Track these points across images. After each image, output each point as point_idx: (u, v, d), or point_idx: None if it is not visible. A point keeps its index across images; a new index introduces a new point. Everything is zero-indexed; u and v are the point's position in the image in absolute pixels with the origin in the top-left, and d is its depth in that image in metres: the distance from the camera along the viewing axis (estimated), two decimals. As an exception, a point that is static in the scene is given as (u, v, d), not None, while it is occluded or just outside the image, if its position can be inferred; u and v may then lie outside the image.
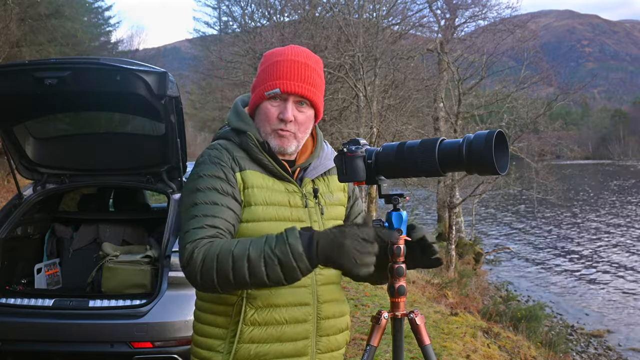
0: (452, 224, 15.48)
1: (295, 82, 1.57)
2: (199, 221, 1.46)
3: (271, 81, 1.57)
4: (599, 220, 27.74)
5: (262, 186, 1.57)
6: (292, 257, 1.32)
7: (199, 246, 1.40)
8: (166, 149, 4.07)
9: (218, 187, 1.51)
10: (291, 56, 1.59)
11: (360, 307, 6.67)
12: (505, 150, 1.58)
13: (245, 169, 1.57)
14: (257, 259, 1.34)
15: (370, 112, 13.96)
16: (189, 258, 1.40)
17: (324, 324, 1.63)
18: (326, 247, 1.30)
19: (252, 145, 1.59)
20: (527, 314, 9.74)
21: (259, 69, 1.64)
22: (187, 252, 1.41)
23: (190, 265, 1.40)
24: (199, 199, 1.50)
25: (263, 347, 1.53)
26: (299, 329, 1.57)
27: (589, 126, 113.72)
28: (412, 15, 18.95)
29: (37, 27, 17.19)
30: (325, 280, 1.63)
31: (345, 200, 1.77)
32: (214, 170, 1.54)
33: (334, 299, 1.67)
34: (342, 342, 1.71)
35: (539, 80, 17.54)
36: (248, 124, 1.62)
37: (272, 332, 1.54)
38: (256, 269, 1.34)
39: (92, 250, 4.51)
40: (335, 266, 1.32)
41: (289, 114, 1.58)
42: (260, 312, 1.53)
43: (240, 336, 1.52)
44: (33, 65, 3.53)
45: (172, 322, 3.58)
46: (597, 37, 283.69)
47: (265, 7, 22.87)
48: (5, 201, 6.25)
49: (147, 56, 36.17)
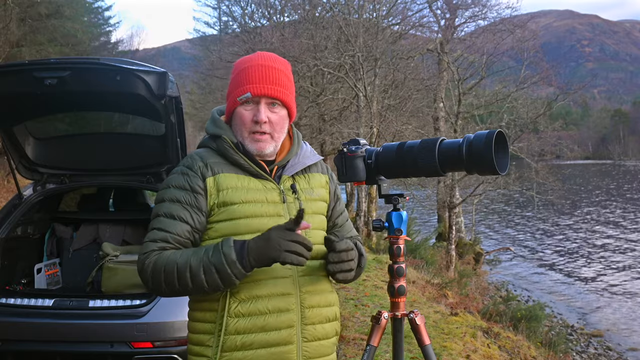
0: (452, 224, 15.47)
1: (264, 85, 1.67)
2: (155, 234, 1.64)
3: (242, 86, 1.68)
4: (599, 221, 27.73)
5: (236, 186, 1.66)
6: (226, 265, 1.51)
7: (149, 257, 1.61)
8: (166, 149, 4.06)
9: (181, 198, 1.65)
10: (259, 61, 1.70)
11: (360, 307, 6.66)
12: (505, 150, 1.59)
13: (219, 172, 1.67)
14: (197, 268, 1.54)
15: (370, 112, 13.96)
16: (141, 267, 1.62)
17: (308, 313, 1.67)
18: (255, 248, 1.51)
19: (227, 147, 1.69)
20: (527, 314, 9.74)
21: (230, 78, 1.76)
22: (140, 262, 1.63)
23: (142, 273, 1.62)
24: (162, 210, 1.66)
25: (248, 337, 1.61)
26: (282, 318, 1.63)
27: (589, 126, 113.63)
28: (412, 15, 18.96)
29: (37, 27, 17.19)
30: (307, 271, 1.68)
31: (327, 197, 1.81)
32: (180, 181, 1.67)
33: (317, 289, 1.71)
34: (330, 332, 1.73)
35: (539, 80, 17.52)
36: (222, 128, 1.73)
37: (255, 322, 1.61)
38: (196, 277, 1.53)
39: (92, 250, 4.51)
40: (267, 260, 1.51)
41: (262, 116, 1.67)
42: (244, 304, 1.61)
43: (225, 328, 1.61)
44: (33, 65, 3.52)
45: (172, 322, 3.58)
46: (597, 37, 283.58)
47: (265, 7, 22.89)
48: (5, 201, 6.24)
49: (147, 56, 36.20)
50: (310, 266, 1.68)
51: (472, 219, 20.56)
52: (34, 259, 4.48)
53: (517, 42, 17.25)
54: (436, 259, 14.62)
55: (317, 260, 1.71)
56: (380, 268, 9.25)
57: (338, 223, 1.84)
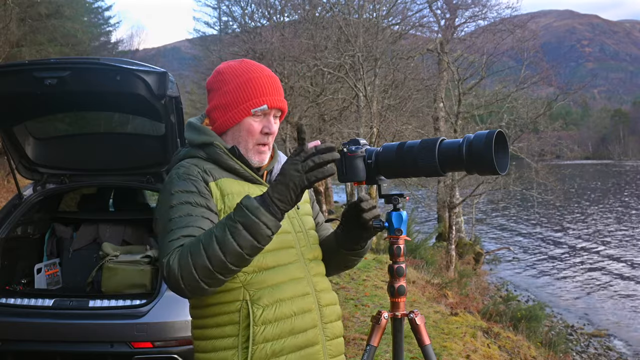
0: (452, 224, 15.46)
1: (278, 97, 1.66)
2: (175, 234, 1.48)
3: (257, 98, 1.63)
4: (599, 221, 27.73)
5: (240, 192, 1.61)
6: (251, 214, 1.37)
7: (173, 254, 1.43)
8: (166, 149, 4.06)
9: (191, 200, 1.54)
10: (265, 72, 1.68)
11: (360, 307, 6.66)
12: (505, 150, 1.59)
13: (219, 178, 1.61)
14: (222, 234, 1.39)
15: (370, 112, 13.96)
16: (168, 268, 1.43)
17: (326, 311, 1.68)
18: (275, 186, 1.40)
19: (221, 153, 1.62)
20: (527, 314, 9.74)
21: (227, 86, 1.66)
22: (164, 264, 1.44)
23: (170, 273, 1.42)
24: (174, 214, 1.52)
25: (278, 344, 1.55)
26: (307, 319, 1.61)
27: (589, 126, 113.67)
28: (412, 15, 18.98)
29: (37, 27, 17.19)
30: (316, 271, 1.71)
31: (308, 198, 1.84)
32: (185, 186, 1.55)
33: (326, 287, 1.73)
34: (341, 329, 1.76)
35: (539, 80, 17.51)
36: (211, 135, 1.66)
37: (284, 327, 1.56)
38: (226, 244, 1.38)
39: (92, 250, 4.51)
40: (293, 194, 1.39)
41: (275, 128, 1.67)
42: (269, 309, 1.55)
43: (253, 338, 1.52)
44: (33, 65, 3.53)
45: (172, 322, 3.58)
46: (597, 37, 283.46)
47: (265, 7, 22.88)
48: (5, 201, 6.24)
49: (147, 56, 36.20)
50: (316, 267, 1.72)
51: (472, 219, 20.55)
52: (34, 259, 4.48)
53: (517, 42, 17.24)
54: (436, 259, 14.62)
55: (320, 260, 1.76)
56: (380, 268, 9.25)
57: (319, 222, 1.88)
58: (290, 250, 1.64)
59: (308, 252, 1.70)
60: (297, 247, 1.67)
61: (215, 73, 1.71)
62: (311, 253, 1.71)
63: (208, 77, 1.79)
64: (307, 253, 1.69)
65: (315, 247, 1.74)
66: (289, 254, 1.64)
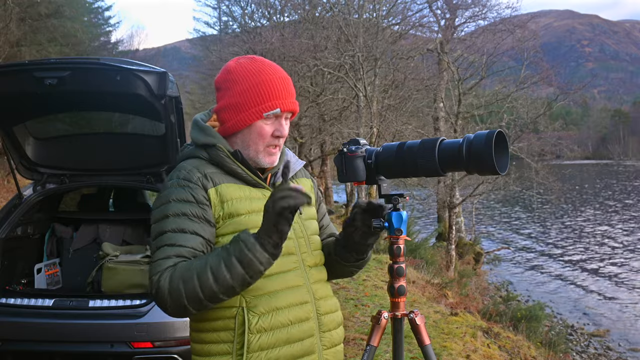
0: (452, 224, 15.47)
1: (290, 100, 1.63)
2: (166, 251, 1.49)
3: (269, 101, 1.59)
4: (599, 221, 27.72)
5: (240, 197, 1.59)
6: (247, 249, 1.40)
7: (164, 274, 1.45)
8: (166, 149, 4.06)
9: (187, 211, 1.53)
10: (278, 73, 1.63)
11: (360, 307, 6.66)
12: (505, 150, 1.58)
13: (220, 183, 1.58)
14: (217, 265, 1.41)
15: (370, 112, 13.96)
16: (157, 287, 1.45)
17: (325, 320, 1.65)
18: (265, 220, 1.41)
19: (224, 157, 1.60)
20: (527, 314, 9.74)
21: (238, 87, 1.61)
22: (154, 282, 1.46)
23: (159, 293, 1.45)
24: (168, 226, 1.52)
25: (273, 352, 1.53)
26: (304, 328, 1.59)
27: (589, 126, 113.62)
28: (412, 15, 18.97)
29: (37, 27, 17.19)
30: (317, 277, 1.68)
31: (313, 201, 1.79)
32: (183, 194, 1.54)
33: (327, 295, 1.70)
34: (341, 336, 1.74)
35: (539, 80, 17.51)
36: (215, 137, 1.62)
37: (279, 336, 1.54)
38: (219, 274, 1.41)
39: (92, 250, 4.51)
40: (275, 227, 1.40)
41: (286, 131, 1.64)
42: (264, 318, 1.53)
43: (248, 346, 1.51)
44: (33, 65, 3.53)
45: (172, 322, 3.58)
46: (597, 37, 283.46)
47: (265, 7, 22.90)
48: (5, 201, 6.24)
49: (147, 56, 36.16)
50: (316, 274, 1.68)
51: (471, 219, 20.54)
52: (34, 259, 4.48)
53: (517, 42, 17.24)
54: (436, 259, 14.61)
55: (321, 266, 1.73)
56: (380, 268, 9.25)
57: (324, 224, 1.84)
58: (291, 257, 1.61)
59: (309, 259, 1.67)
60: (298, 254, 1.64)
61: (225, 71, 1.65)
62: (312, 259, 1.68)
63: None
64: (308, 259, 1.66)
65: (317, 253, 1.71)
66: (289, 260, 1.60)
